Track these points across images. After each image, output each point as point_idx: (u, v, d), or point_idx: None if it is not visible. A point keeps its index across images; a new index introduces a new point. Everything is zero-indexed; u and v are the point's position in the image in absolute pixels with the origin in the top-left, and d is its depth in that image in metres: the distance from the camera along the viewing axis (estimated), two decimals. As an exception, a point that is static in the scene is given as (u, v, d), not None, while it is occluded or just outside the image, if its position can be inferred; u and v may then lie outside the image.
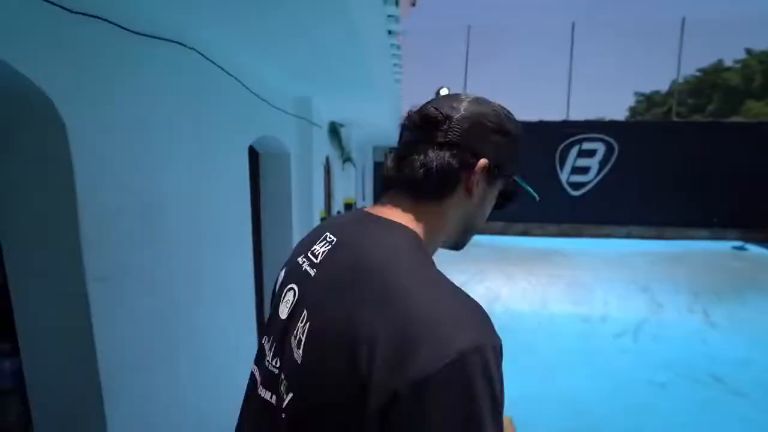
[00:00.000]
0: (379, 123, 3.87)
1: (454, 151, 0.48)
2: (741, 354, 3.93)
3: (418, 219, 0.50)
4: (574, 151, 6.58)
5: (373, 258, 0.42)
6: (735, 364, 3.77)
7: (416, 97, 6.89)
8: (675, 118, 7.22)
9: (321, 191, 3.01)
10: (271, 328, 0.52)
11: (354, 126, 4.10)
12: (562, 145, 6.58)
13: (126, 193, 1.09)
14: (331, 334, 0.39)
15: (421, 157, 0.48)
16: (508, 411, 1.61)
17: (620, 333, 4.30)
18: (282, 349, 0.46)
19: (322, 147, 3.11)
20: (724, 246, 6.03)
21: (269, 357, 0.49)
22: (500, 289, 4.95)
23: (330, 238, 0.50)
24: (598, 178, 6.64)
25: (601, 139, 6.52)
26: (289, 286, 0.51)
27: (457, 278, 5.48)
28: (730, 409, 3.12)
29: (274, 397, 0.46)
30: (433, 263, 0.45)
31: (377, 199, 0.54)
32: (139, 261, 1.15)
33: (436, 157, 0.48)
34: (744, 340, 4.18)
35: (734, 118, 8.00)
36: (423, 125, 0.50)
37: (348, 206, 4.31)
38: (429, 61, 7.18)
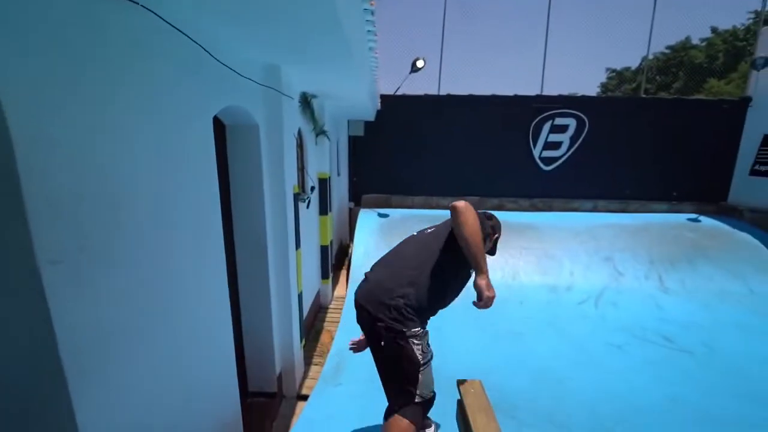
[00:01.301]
0: (353, 95, 3.75)
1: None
2: (689, 317, 4.31)
3: None
4: (547, 126, 6.68)
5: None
6: (683, 325, 4.13)
7: (392, 68, 6.69)
8: (643, 95, 7.43)
9: (294, 166, 2.92)
10: (418, 233, 1.89)
11: (327, 98, 3.95)
12: (536, 120, 6.65)
13: (82, 168, 1.00)
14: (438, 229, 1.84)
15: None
16: (479, 376, 1.70)
17: (583, 300, 4.59)
18: (428, 230, 1.87)
19: (294, 119, 2.99)
20: (681, 218, 6.43)
21: (425, 229, 1.89)
22: (474, 261, 5.10)
23: (432, 227, 1.90)
24: (569, 153, 6.81)
25: (573, 115, 6.63)
26: (427, 229, 1.88)
27: (433, 252, 5.52)
28: (676, 364, 3.45)
29: (420, 235, 1.86)
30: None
31: (356, 173, 0.70)
32: (102, 241, 1.08)
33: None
34: (692, 303, 4.56)
35: (697, 96, 8.34)
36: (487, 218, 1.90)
37: (322, 181, 4.22)
38: (405, 31, 6.94)
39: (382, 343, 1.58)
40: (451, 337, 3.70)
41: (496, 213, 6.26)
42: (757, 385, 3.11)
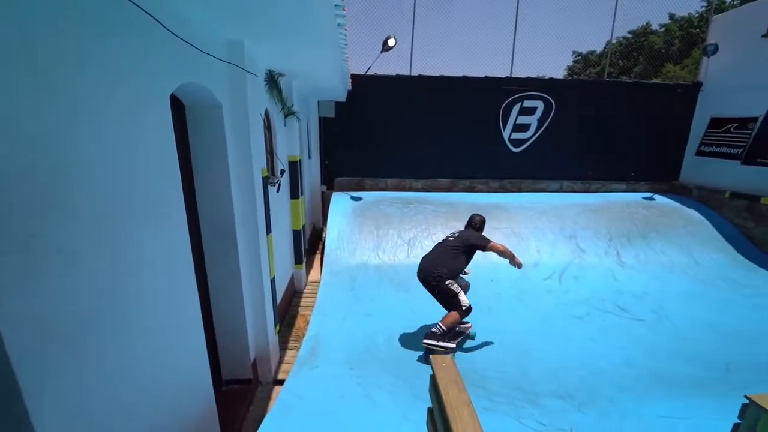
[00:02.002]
0: (322, 73, 3.62)
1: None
2: (641, 287, 4.64)
3: None
4: (517, 108, 6.81)
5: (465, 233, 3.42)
6: (636, 295, 4.45)
7: (362, 47, 6.52)
8: (606, 78, 7.70)
9: (261, 148, 2.81)
10: (444, 239, 3.47)
11: (295, 77, 3.80)
12: (506, 102, 6.76)
13: (25, 152, 0.91)
14: (462, 237, 3.35)
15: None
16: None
17: (548, 276, 4.83)
18: (451, 237, 3.40)
19: (260, 99, 2.85)
20: (637, 197, 6.85)
21: (450, 237, 3.41)
22: (446, 242, 5.22)
23: (456, 232, 3.45)
24: (537, 135, 7.00)
25: (540, 97, 6.79)
26: (450, 235, 3.45)
27: (407, 234, 5.63)
28: (630, 331, 3.73)
29: (447, 242, 3.37)
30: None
31: (327, 156, 0.66)
32: (55, 229, 0.99)
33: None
34: (645, 275, 4.92)
35: (655, 80, 8.76)
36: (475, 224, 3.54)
37: (292, 164, 4.11)
38: (375, 10, 6.73)
39: (437, 291, 3.20)
40: (425, 316, 3.81)
41: (466, 194, 6.63)
42: (698, 346, 3.45)
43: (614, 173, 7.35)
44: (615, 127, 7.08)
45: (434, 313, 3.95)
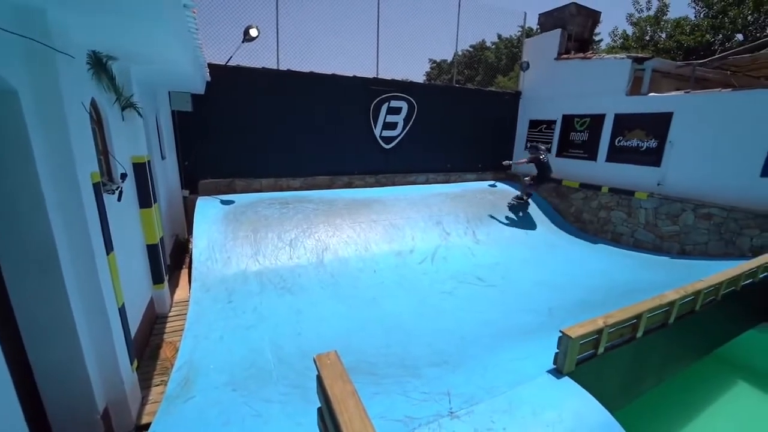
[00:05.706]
0: (169, 59, 3.13)
1: None
2: (492, 259, 5.59)
3: None
4: (385, 108, 7.28)
5: None
6: (489, 266, 5.34)
7: (221, 36, 5.92)
8: (455, 84, 8.93)
9: (89, 147, 2.25)
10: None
11: (133, 61, 3.17)
12: (375, 102, 7.15)
13: None
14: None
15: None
16: (339, 345, 1.77)
17: (423, 260, 5.36)
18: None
19: (81, 86, 2.28)
20: (484, 185, 8.21)
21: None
22: (329, 239, 5.24)
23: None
24: (404, 133, 7.66)
25: (404, 98, 7.43)
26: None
27: (288, 235, 5.43)
28: (486, 296, 4.46)
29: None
30: None
31: (186, 155, 0.56)
32: None
33: None
34: (494, 249, 5.94)
35: (490, 88, 10.61)
36: None
37: (139, 166, 3.44)
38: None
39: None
40: (313, 317, 3.76)
41: (345, 190, 6.58)
42: (532, 299, 4.37)
43: (467, 165, 8.66)
44: (464, 126, 8.31)
45: (322, 312, 3.94)
